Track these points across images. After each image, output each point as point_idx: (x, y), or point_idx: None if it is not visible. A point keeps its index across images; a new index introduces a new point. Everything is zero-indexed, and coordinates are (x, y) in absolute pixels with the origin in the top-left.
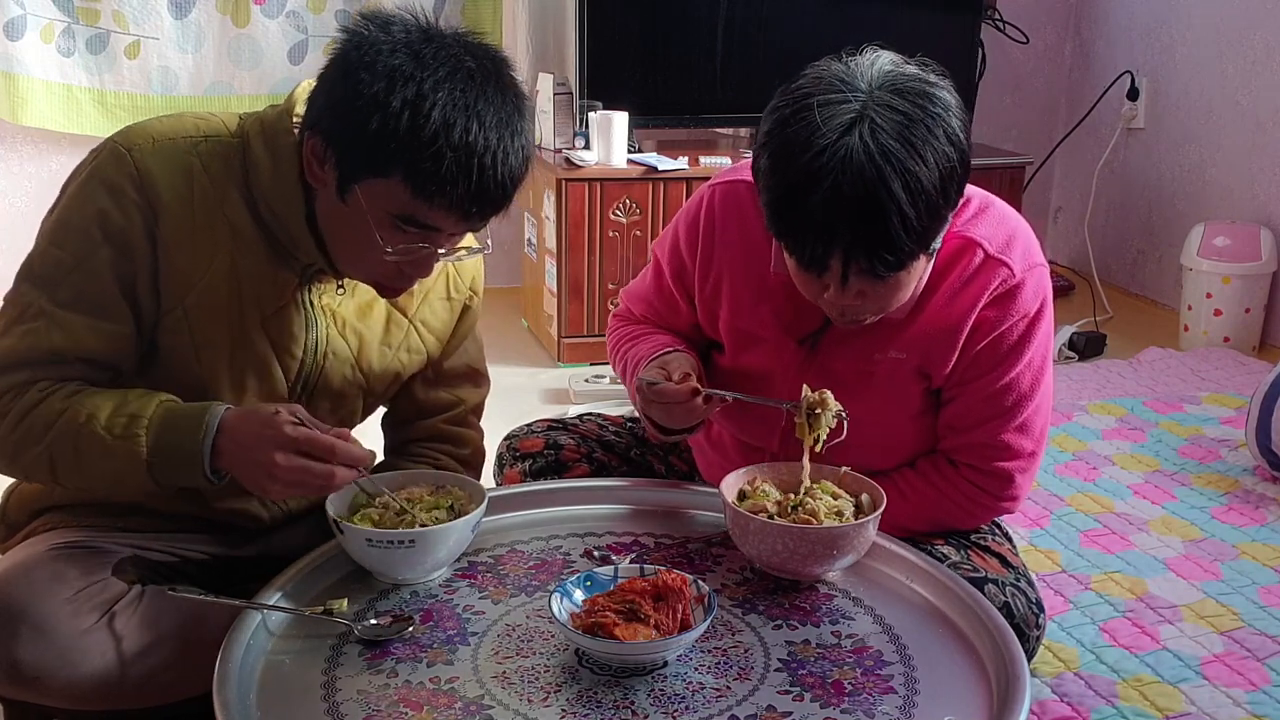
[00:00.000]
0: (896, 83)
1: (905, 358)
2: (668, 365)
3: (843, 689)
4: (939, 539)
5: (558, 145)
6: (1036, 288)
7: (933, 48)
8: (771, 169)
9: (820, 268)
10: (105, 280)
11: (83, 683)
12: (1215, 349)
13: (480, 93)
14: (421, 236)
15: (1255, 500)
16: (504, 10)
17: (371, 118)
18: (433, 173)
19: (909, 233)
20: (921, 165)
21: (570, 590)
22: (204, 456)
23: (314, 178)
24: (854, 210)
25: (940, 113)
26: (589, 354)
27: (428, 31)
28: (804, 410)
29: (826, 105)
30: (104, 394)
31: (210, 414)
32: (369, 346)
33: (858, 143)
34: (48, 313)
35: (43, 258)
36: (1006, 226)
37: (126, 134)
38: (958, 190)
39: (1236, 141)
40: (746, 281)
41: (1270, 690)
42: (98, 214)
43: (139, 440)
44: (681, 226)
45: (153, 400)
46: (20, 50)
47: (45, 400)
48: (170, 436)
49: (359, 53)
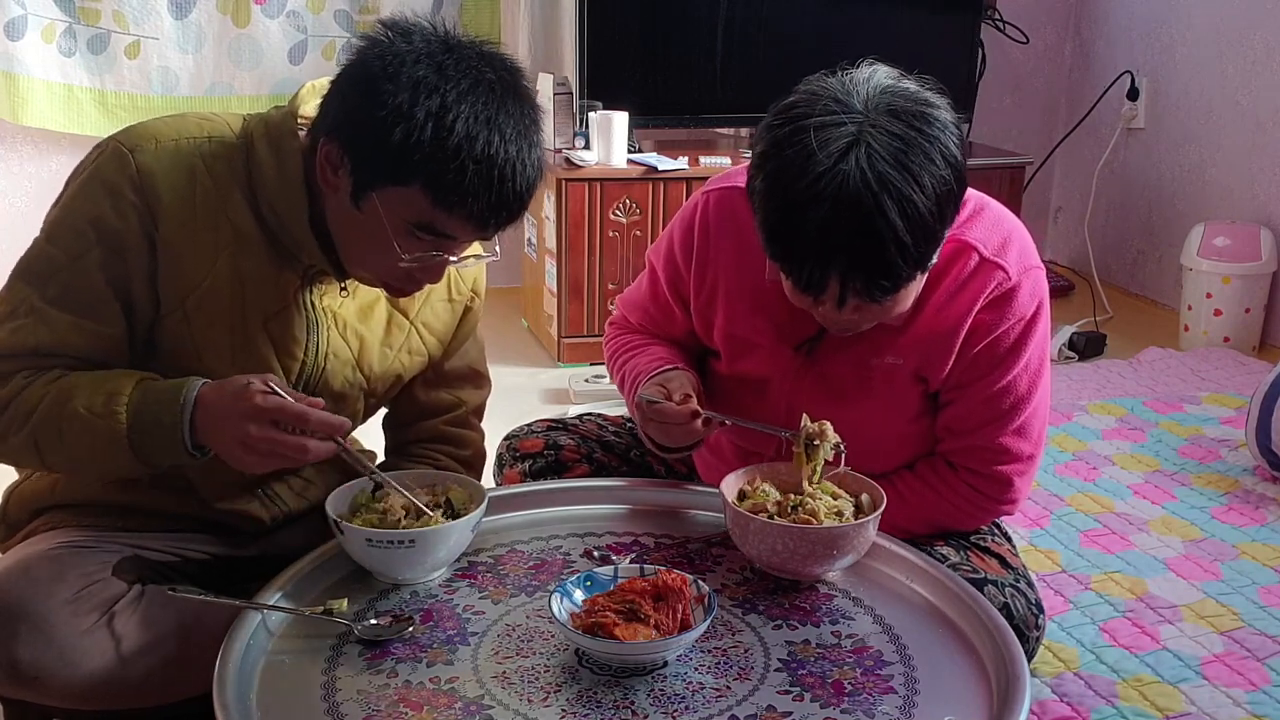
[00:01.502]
0: (893, 103)
1: (902, 363)
2: (668, 384)
3: (843, 689)
4: (938, 540)
5: (558, 145)
6: (1033, 290)
7: (933, 48)
8: (767, 192)
9: (818, 291)
10: (95, 280)
11: (82, 682)
12: (1215, 349)
13: (501, 105)
14: (436, 244)
15: (1255, 500)
16: (504, 10)
17: (395, 128)
18: (455, 184)
19: (905, 258)
20: (918, 191)
21: (570, 590)
22: (183, 430)
23: (326, 183)
24: (850, 237)
25: (937, 134)
26: (589, 354)
27: (447, 41)
28: (802, 441)
29: (822, 129)
30: (85, 375)
31: (188, 388)
32: (370, 348)
33: (854, 169)
34: (37, 310)
35: (37, 254)
36: (1002, 229)
37: (130, 133)
38: (954, 210)
39: (1236, 141)
40: (741, 288)
41: (1270, 690)
42: (93, 214)
43: (118, 417)
44: (676, 233)
45: (132, 378)
46: (21, 50)
47: (28, 387)
48: (149, 411)
49: (381, 62)
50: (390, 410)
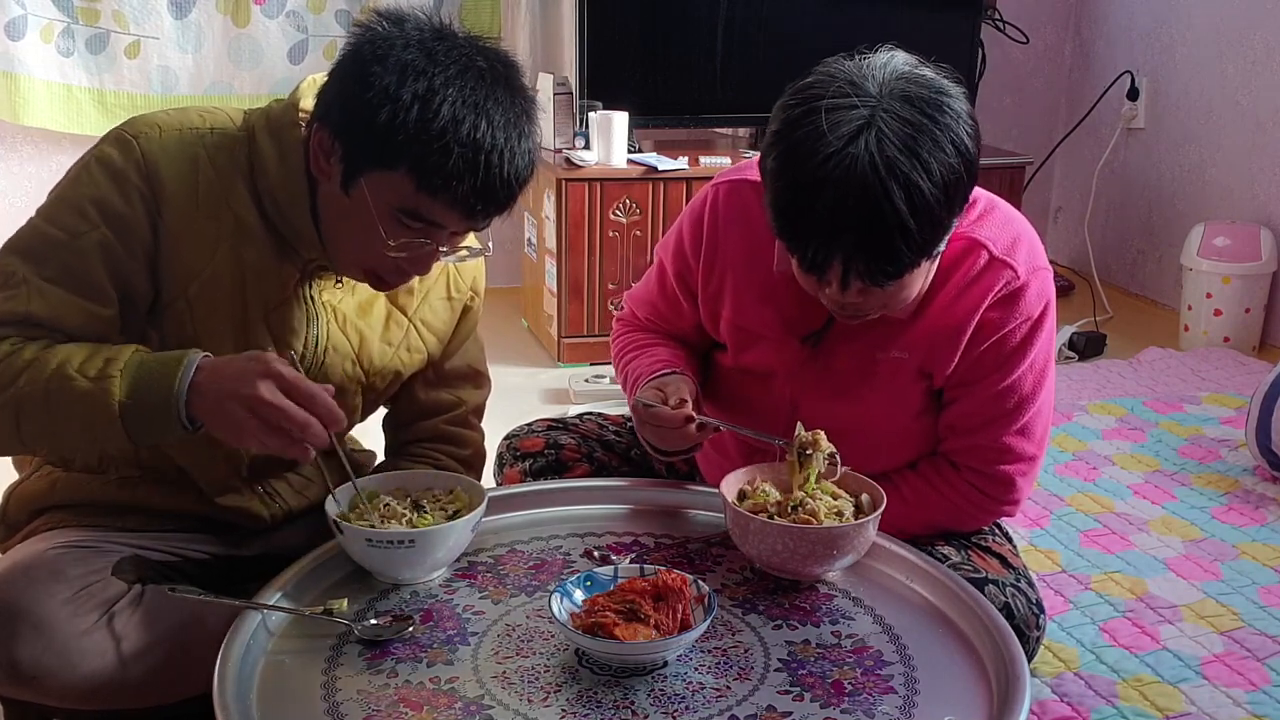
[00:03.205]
0: (908, 90)
1: (907, 357)
2: (665, 388)
3: (843, 689)
4: (939, 540)
5: (558, 145)
6: (1040, 290)
7: (933, 48)
8: (777, 171)
9: (821, 271)
10: (93, 261)
11: (82, 683)
12: (1215, 349)
13: (490, 92)
14: (424, 232)
15: (1255, 500)
16: (504, 10)
17: (381, 110)
18: (439, 167)
19: (909, 244)
20: (925, 178)
21: (570, 590)
22: (180, 397)
23: (319, 170)
24: (856, 220)
25: (950, 122)
26: (589, 354)
27: (440, 31)
28: (796, 449)
29: (835, 110)
30: (78, 344)
31: (190, 355)
32: (369, 343)
33: (863, 152)
34: (30, 282)
35: (33, 233)
36: (1011, 229)
37: (133, 122)
38: (962, 200)
39: (1236, 141)
40: (750, 280)
41: (1270, 690)
42: (97, 196)
43: (114, 381)
44: (686, 225)
45: (129, 347)
46: (20, 50)
47: (16, 351)
48: (146, 376)
49: (372, 47)
50: (390, 410)
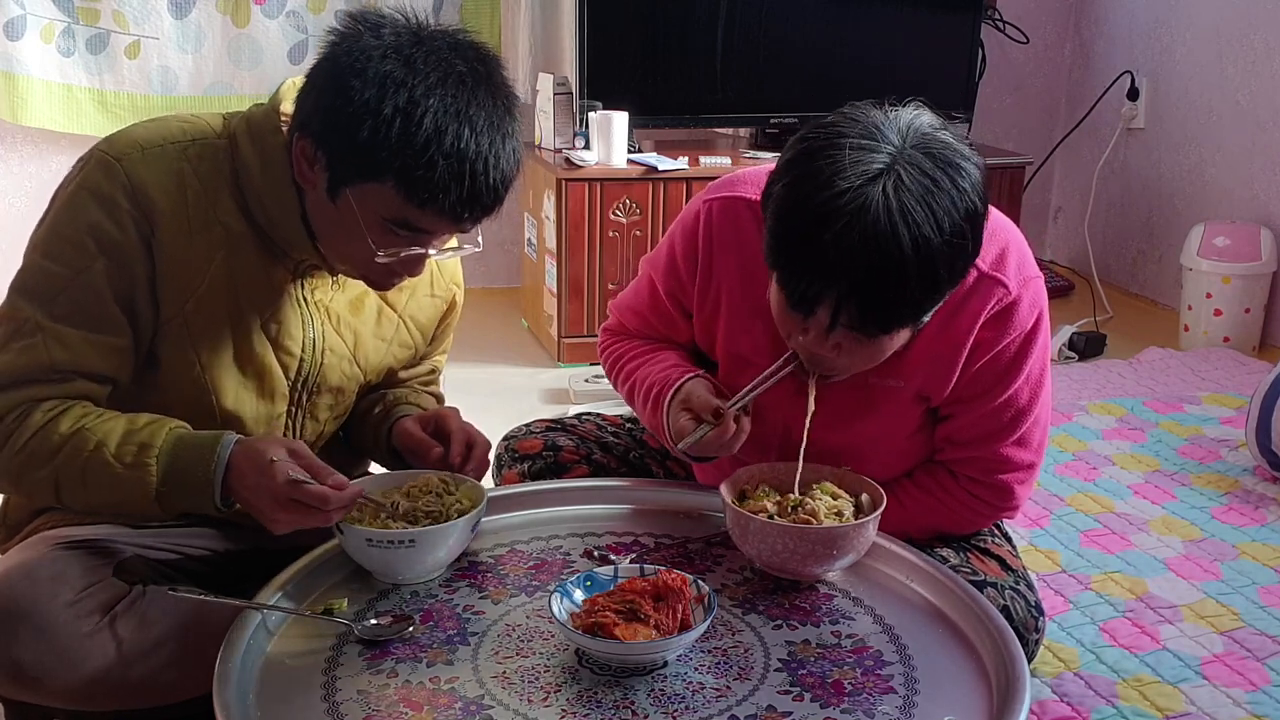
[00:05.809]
0: (930, 146)
1: (904, 385)
2: (690, 402)
3: (843, 689)
4: (937, 542)
5: (558, 145)
6: (1033, 302)
7: (933, 48)
8: (786, 197)
9: (809, 309)
10: (102, 293)
11: (84, 683)
12: (1215, 349)
13: (472, 97)
14: (412, 239)
15: (1255, 500)
16: (504, 10)
17: (363, 125)
18: (425, 180)
19: (905, 296)
20: (936, 233)
21: (570, 590)
22: (215, 488)
23: (303, 178)
24: (859, 259)
25: (966, 188)
26: (589, 354)
27: (418, 34)
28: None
29: (858, 149)
30: (112, 419)
31: (222, 445)
32: (365, 341)
33: (880, 194)
34: (45, 328)
35: (36, 272)
36: (998, 239)
37: (112, 143)
38: (961, 271)
39: (1236, 141)
40: (744, 303)
41: (1270, 690)
42: (91, 226)
43: (149, 469)
44: (678, 243)
45: (163, 428)
46: (20, 50)
47: (51, 422)
48: (181, 468)
49: (349, 58)
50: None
